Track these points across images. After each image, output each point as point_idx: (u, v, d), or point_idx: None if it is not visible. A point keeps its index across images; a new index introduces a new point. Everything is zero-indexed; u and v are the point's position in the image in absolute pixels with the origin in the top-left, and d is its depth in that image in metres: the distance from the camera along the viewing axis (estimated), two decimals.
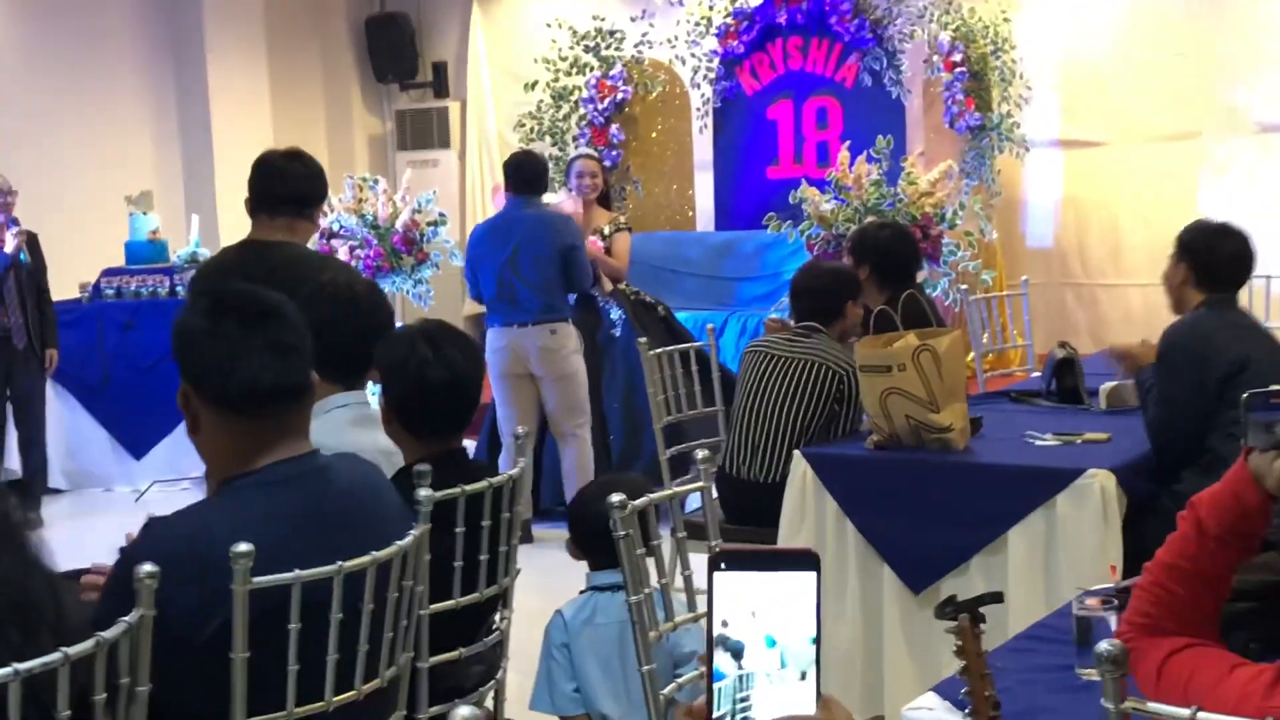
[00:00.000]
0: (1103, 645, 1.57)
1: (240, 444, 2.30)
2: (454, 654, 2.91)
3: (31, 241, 7.18)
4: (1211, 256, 4.14)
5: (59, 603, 1.93)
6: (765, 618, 1.18)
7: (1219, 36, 8.30)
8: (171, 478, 7.86)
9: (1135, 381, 4.34)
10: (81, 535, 1.92)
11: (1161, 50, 8.46)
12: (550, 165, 7.26)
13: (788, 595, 1.18)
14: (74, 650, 1.85)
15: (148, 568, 2.02)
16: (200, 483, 7.81)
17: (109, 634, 1.94)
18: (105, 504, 7.81)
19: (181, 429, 7.60)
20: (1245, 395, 1.94)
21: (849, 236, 5.50)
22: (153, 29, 9.96)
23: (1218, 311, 4.11)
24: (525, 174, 6.45)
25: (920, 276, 5.62)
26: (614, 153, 9.47)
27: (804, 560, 1.18)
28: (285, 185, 4.04)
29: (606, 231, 7.00)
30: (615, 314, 6.97)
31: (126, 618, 1.99)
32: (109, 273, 8.34)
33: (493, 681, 3.09)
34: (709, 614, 1.18)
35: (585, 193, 7.01)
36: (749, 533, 4.46)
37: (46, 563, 2.02)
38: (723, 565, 1.19)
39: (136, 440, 8.04)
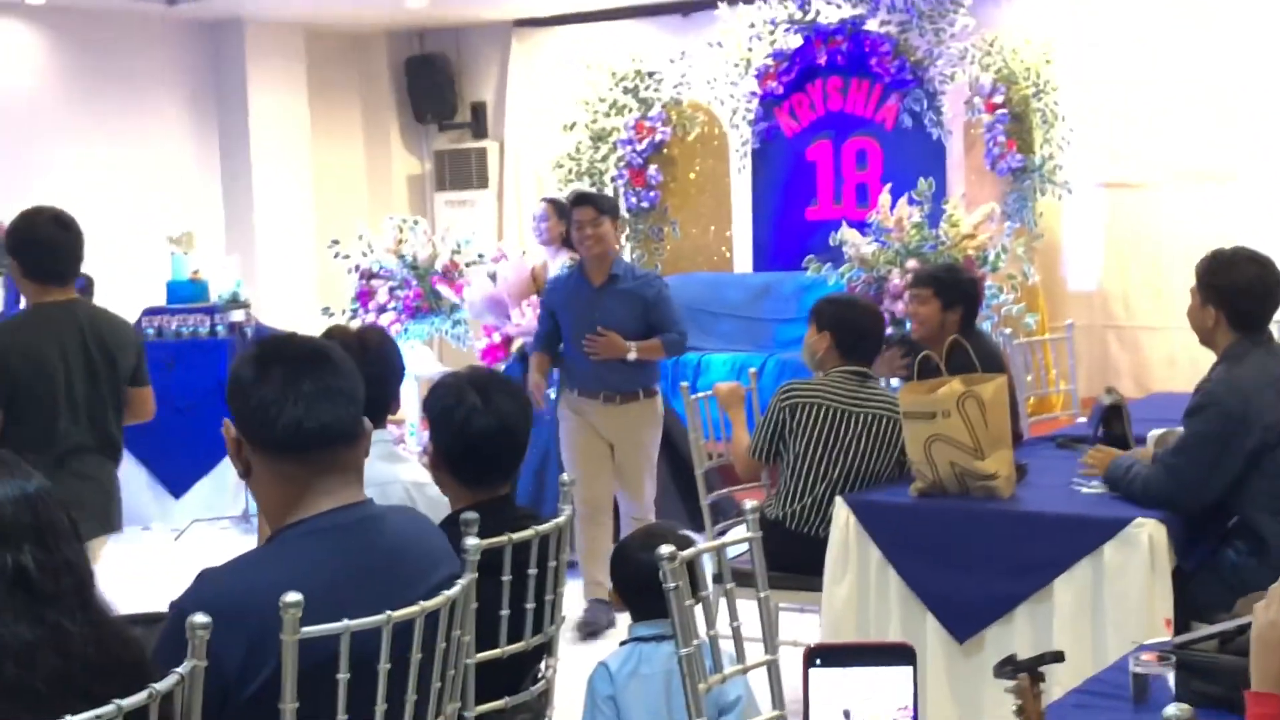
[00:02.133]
0: (1170, 710, 1.54)
1: (290, 490, 2.30)
2: (500, 703, 2.89)
3: (84, 289, 7.25)
4: (1239, 295, 3.97)
5: (130, 656, 1.94)
6: (861, 714, 1.15)
7: (1260, 76, 8.26)
8: (210, 517, 7.88)
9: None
10: (121, 573, 1.94)
11: (1202, 90, 8.42)
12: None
13: (884, 690, 1.15)
14: (128, 702, 1.85)
15: (200, 618, 2.01)
16: (238, 521, 7.85)
17: (162, 685, 1.93)
18: (144, 542, 7.83)
19: (220, 468, 7.67)
20: None
21: (926, 274, 5.39)
22: (195, 69, 10.06)
23: (1258, 361, 3.94)
24: None
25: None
26: (652, 194, 9.49)
27: (899, 655, 1.16)
28: (74, 254, 4.54)
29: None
30: None
31: (179, 669, 1.99)
32: (150, 312, 8.39)
33: None
34: (805, 712, 1.16)
35: (540, 236, 6.99)
36: (794, 579, 4.42)
37: (112, 614, 2.03)
38: (818, 661, 1.16)
39: (176, 479, 8.06)
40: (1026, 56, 8.41)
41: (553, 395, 6.13)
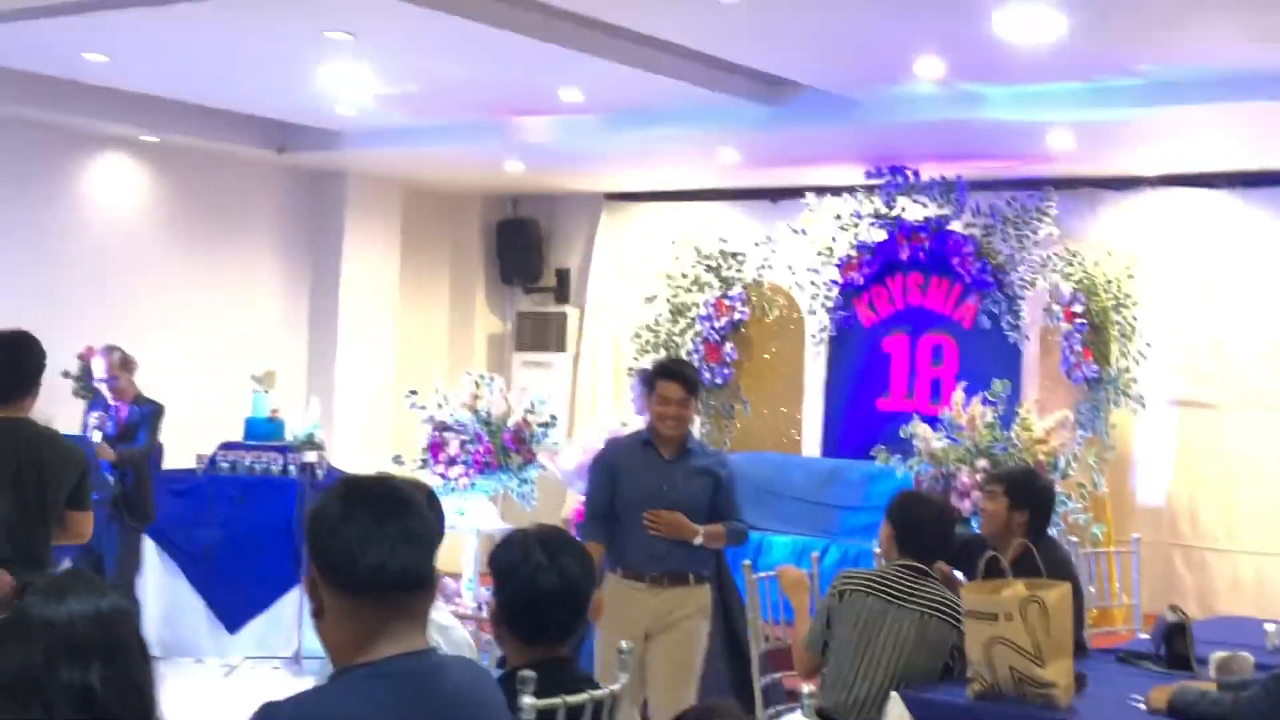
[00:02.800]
0: None
1: (362, 631, 2.32)
2: None
3: (152, 414, 7.46)
4: None
5: None
6: None
7: None
8: (263, 655, 7.89)
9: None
10: (169, 705, 1.96)
11: (1278, 312, 8.45)
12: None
13: None
14: None
15: None
16: (289, 663, 7.86)
17: None
18: (196, 674, 7.84)
19: (277, 605, 7.71)
20: None
21: (1001, 472, 5.43)
22: (295, 215, 10.39)
23: None
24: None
25: None
26: (726, 371, 9.58)
27: None
28: (20, 373, 4.64)
29: None
30: None
31: None
32: (226, 446, 8.53)
33: None
34: None
35: (638, 406, 7.01)
36: None
37: None
38: None
39: (232, 614, 8.10)
40: (1108, 269, 8.47)
41: None
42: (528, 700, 2.59)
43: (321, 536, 2.34)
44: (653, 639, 5.18)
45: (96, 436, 7.39)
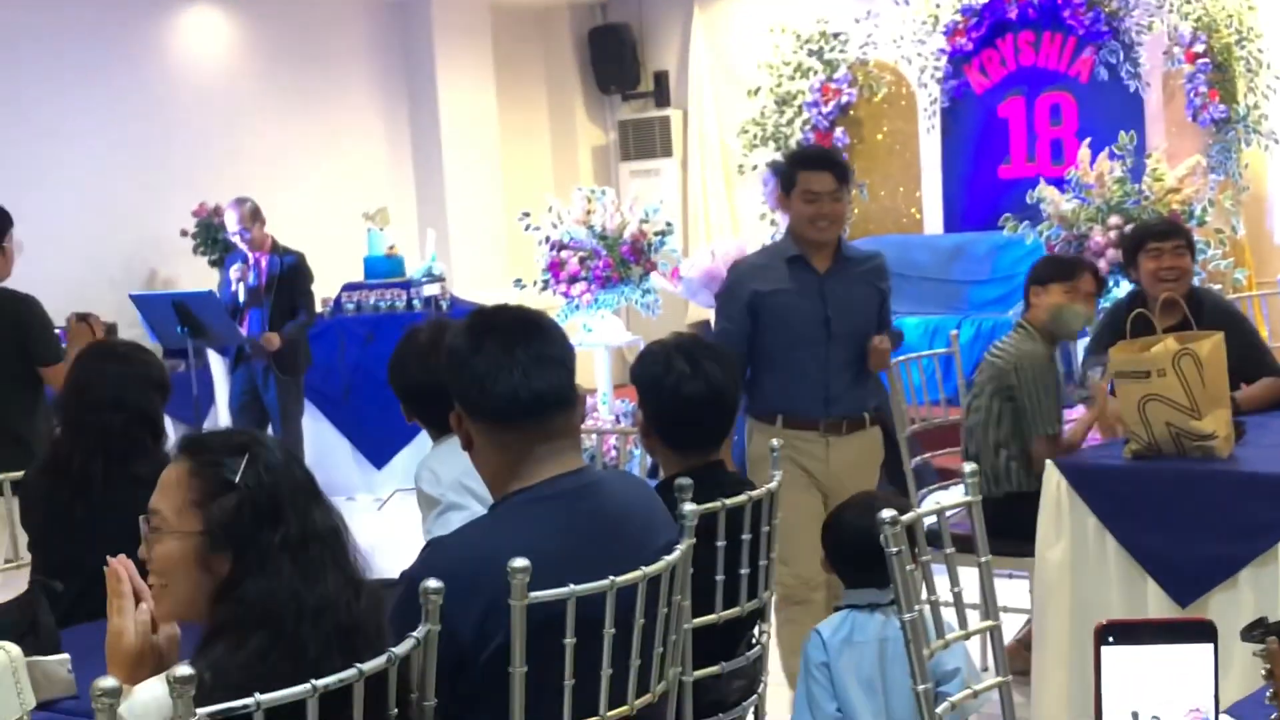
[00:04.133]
0: None
1: (512, 458, 2.32)
2: (715, 669, 2.90)
3: (296, 264, 7.47)
4: None
5: (380, 622, 2.00)
6: (1156, 696, 1.09)
7: None
8: (411, 486, 8.02)
9: None
10: None
11: None
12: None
13: (1182, 670, 1.09)
14: (368, 666, 1.89)
15: (433, 583, 2.05)
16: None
17: (400, 649, 1.98)
18: (349, 512, 7.93)
19: (420, 437, 7.81)
20: None
21: (1175, 226, 5.16)
22: (385, 49, 10.26)
23: None
24: None
25: None
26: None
27: (1199, 632, 1.10)
28: None
29: None
30: None
31: (415, 633, 2.03)
32: (349, 288, 8.59)
33: (754, 696, 3.07)
34: (1097, 691, 1.11)
35: (771, 202, 6.90)
36: (1002, 543, 4.33)
37: (367, 577, 2.08)
38: (1110, 639, 1.11)
39: (378, 450, 8.26)
40: (1228, 3, 8.08)
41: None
42: (688, 507, 2.57)
43: (455, 371, 2.33)
44: (832, 498, 4.14)
45: (240, 290, 7.45)
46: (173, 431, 4.68)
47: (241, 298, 7.42)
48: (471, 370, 2.31)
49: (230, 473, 2.00)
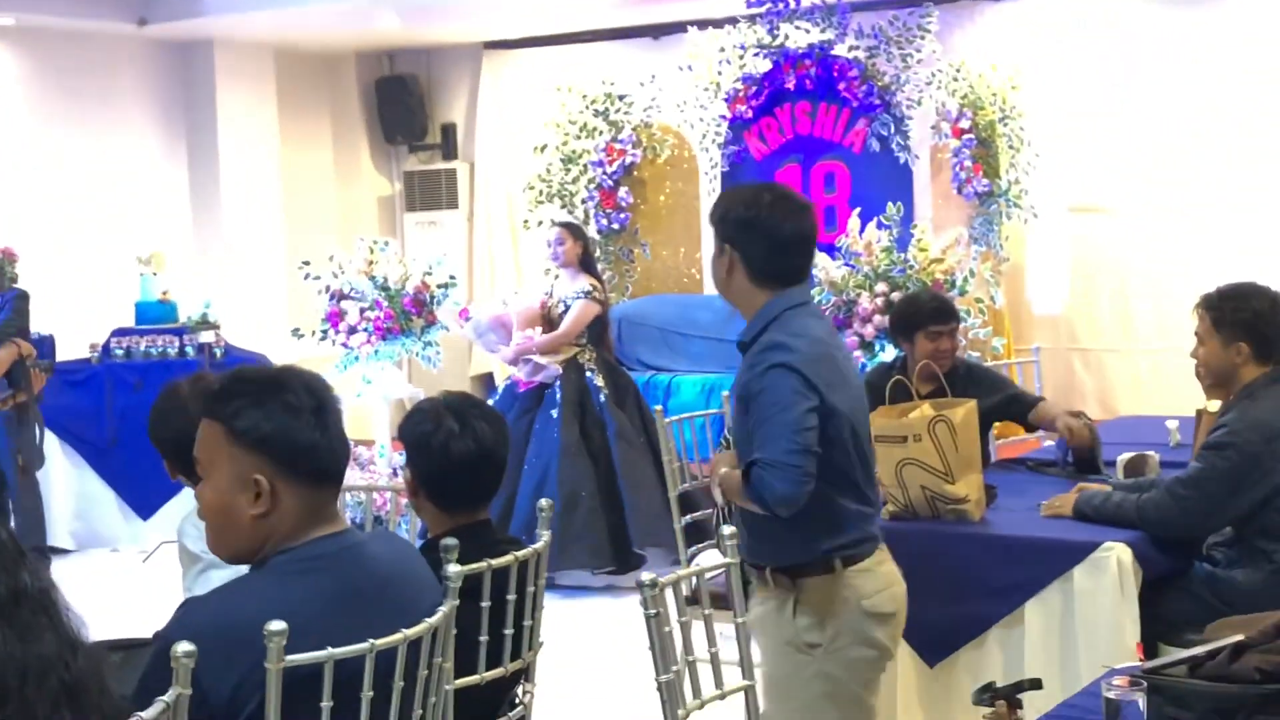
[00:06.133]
0: None
1: (305, 518, 2.31)
2: None
3: (15, 299, 7.20)
4: (1263, 324, 3.93)
5: (103, 681, 1.95)
6: None
7: (1221, 106, 8.38)
8: (175, 540, 7.83)
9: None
10: (88, 596, 1.94)
11: (1164, 117, 8.54)
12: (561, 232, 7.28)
13: None
14: None
15: (185, 647, 2.02)
16: None
17: (148, 714, 1.94)
18: (113, 565, 7.80)
19: (188, 490, 7.63)
20: None
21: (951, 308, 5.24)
22: (166, 89, 10.05)
23: (1275, 397, 3.89)
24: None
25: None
26: (622, 215, 9.53)
27: None
28: None
29: (573, 296, 7.05)
30: (599, 381, 7.04)
31: (164, 697, 2.00)
32: (119, 333, 8.36)
33: None
34: None
35: (557, 260, 7.10)
36: None
37: (84, 636, 2.04)
38: None
39: (144, 501, 8.03)
40: (993, 81, 8.49)
41: None
42: (453, 568, 2.58)
43: (286, 430, 2.32)
44: None
45: None
46: None
47: None
48: (298, 430, 2.29)
49: None
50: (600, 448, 6.93)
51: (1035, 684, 2.09)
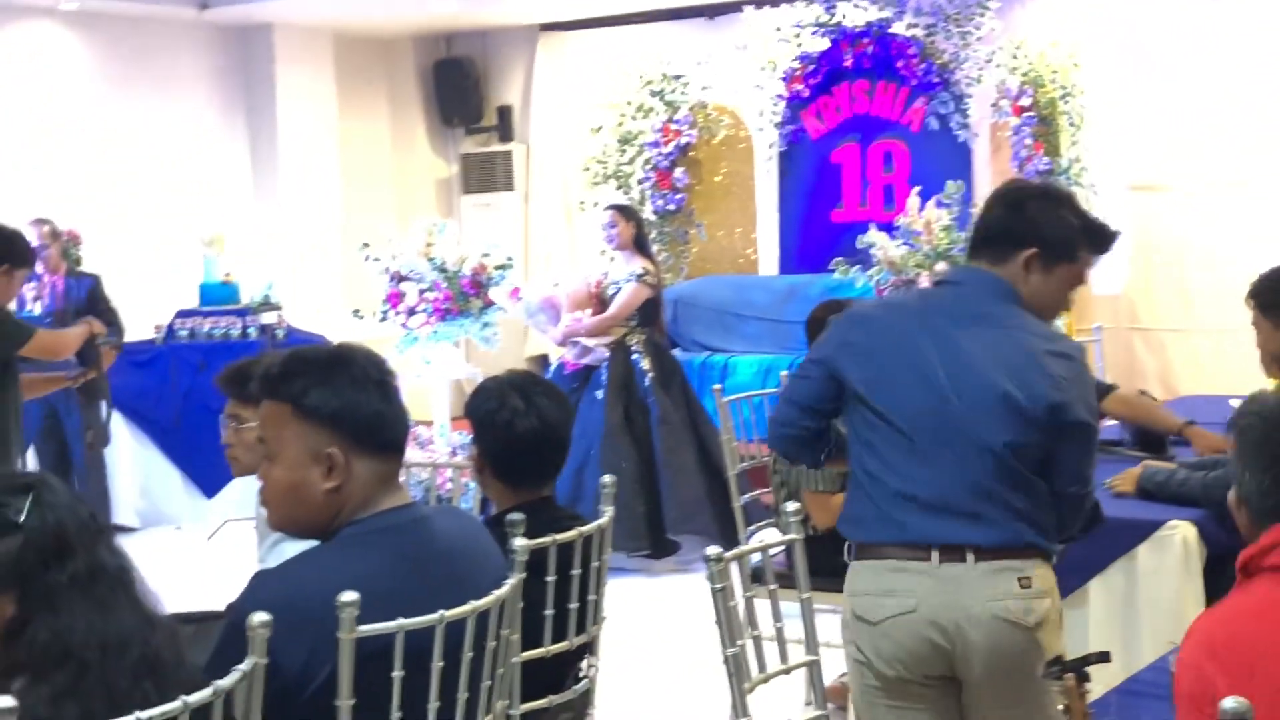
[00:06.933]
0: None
1: (375, 490, 2.34)
2: (544, 701, 2.94)
3: (93, 288, 7.33)
4: None
5: (179, 653, 1.99)
6: None
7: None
8: (243, 517, 7.92)
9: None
10: (154, 573, 1.98)
11: (1227, 95, 8.43)
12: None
13: None
14: (194, 699, 1.89)
15: (260, 617, 2.05)
16: None
17: (225, 682, 1.98)
18: (177, 542, 7.90)
19: None
20: None
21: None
22: (226, 73, 10.13)
23: None
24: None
25: None
26: (678, 196, 9.53)
27: None
28: None
29: (625, 279, 7.06)
30: (645, 364, 7.04)
31: (241, 665, 2.03)
32: (183, 314, 8.46)
33: None
34: None
35: (612, 243, 7.11)
36: (824, 581, 4.43)
37: (160, 611, 2.08)
38: None
39: (208, 479, 8.12)
40: (1053, 59, 8.41)
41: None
42: (519, 542, 2.61)
43: (353, 404, 2.36)
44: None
45: (36, 308, 7.31)
46: None
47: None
48: (366, 402, 2.33)
49: (15, 513, 1.99)
50: (643, 431, 6.94)
51: (1104, 657, 2.10)
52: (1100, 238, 3.12)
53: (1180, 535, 3.83)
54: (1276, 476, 2.09)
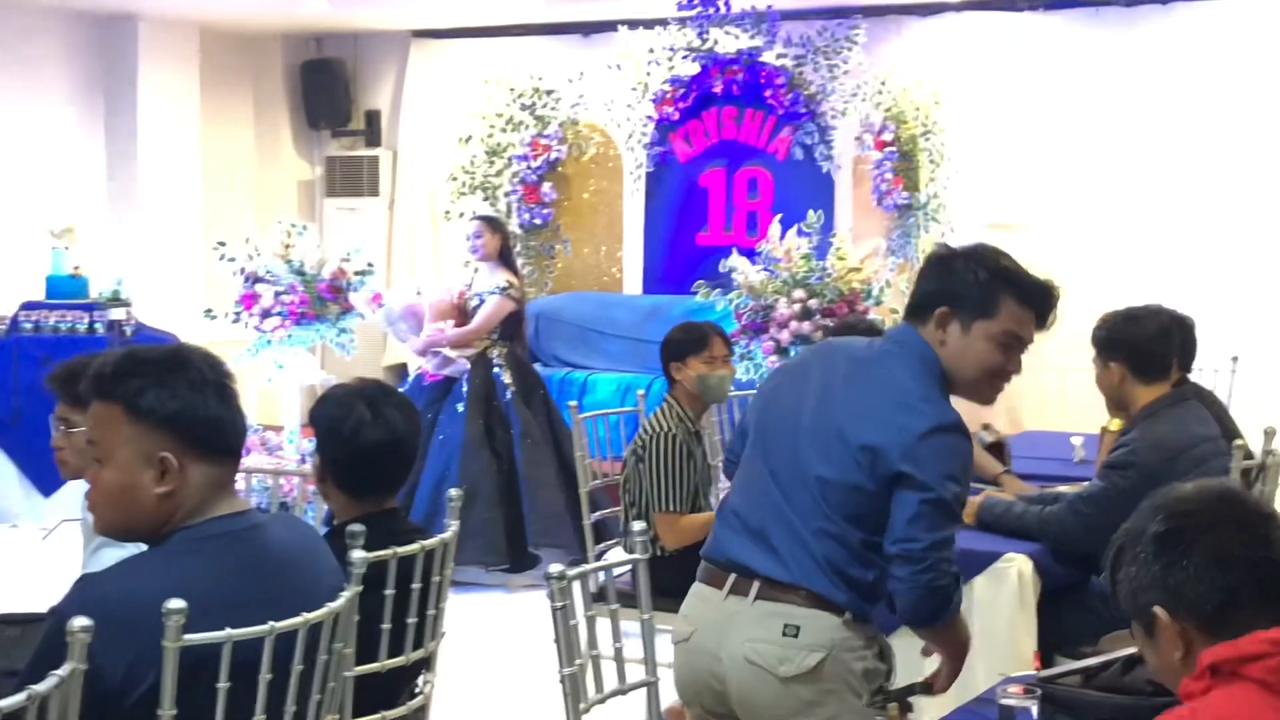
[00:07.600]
0: None
1: (208, 495, 2.29)
2: (376, 717, 2.90)
3: None
4: (1141, 344, 4.06)
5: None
6: None
7: (1138, 123, 8.53)
8: (80, 517, 7.69)
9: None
10: None
11: (1083, 136, 8.67)
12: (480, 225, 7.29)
13: None
14: (6, 703, 1.83)
15: (81, 621, 2.00)
16: None
17: (41, 687, 1.92)
18: (11, 540, 7.68)
19: None
20: None
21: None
22: (86, 62, 9.87)
23: (1180, 417, 3.99)
24: None
25: None
26: (545, 211, 9.52)
27: None
28: None
29: (489, 291, 7.06)
30: (506, 378, 7.03)
31: (58, 671, 1.97)
32: (28, 306, 8.22)
33: None
34: None
35: (477, 254, 7.10)
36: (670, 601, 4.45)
37: None
38: None
39: (46, 478, 7.88)
40: (916, 96, 8.58)
41: None
42: (358, 554, 2.57)
43: (191, 408, 2.31)
44: None
45: None
46: None
47: None
48: (204, 406, 2.27)
49: None
50: (503, 445, 6.92)
51: (925, 688, 2.12)
52: (1025, 290, 2.98)
53: (1016, 568, 3.91)
54: (1234, 576, 1.89)
